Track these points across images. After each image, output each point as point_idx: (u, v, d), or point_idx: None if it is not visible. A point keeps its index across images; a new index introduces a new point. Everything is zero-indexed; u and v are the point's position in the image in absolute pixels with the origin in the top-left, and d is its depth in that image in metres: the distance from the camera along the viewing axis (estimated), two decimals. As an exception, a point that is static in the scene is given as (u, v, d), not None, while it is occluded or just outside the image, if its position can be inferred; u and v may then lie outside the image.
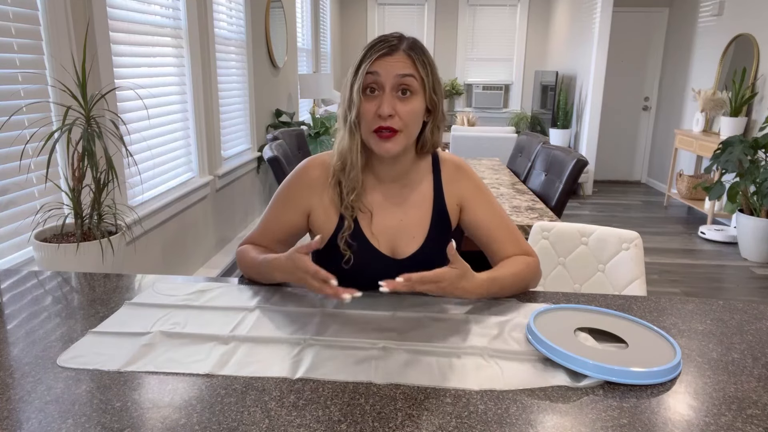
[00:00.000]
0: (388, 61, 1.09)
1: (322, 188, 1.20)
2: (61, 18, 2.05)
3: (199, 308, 1.08)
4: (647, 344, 0.94)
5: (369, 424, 0.74)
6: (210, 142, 3.49)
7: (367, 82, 1.10)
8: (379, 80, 1.09)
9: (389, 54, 1.10)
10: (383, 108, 1.08)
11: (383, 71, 1.09)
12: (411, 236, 1.21)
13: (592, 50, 5.99)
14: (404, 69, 1.10)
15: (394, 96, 1.10)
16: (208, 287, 1.17)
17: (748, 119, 4.77)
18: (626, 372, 0.84)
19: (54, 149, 1.86)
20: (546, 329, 0.96)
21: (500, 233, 1.23)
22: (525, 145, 3.54)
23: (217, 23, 3.64)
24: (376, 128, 1.10)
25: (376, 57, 1.09)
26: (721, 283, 3.71)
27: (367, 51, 1.11)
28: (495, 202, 1.26)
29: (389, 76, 1.09)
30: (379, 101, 1.10)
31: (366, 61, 1.10)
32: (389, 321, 1.03)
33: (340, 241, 1.17)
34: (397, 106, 1.10)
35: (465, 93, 8.16)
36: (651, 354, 0.91)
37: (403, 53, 1.11)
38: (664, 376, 0.86)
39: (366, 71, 1.09)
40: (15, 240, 1.94)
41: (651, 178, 6.90)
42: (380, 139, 1.11)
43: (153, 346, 0.93)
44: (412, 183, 1.23)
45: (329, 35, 7.21)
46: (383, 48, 1.10)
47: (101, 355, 0.90)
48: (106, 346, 0.93)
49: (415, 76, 1.11)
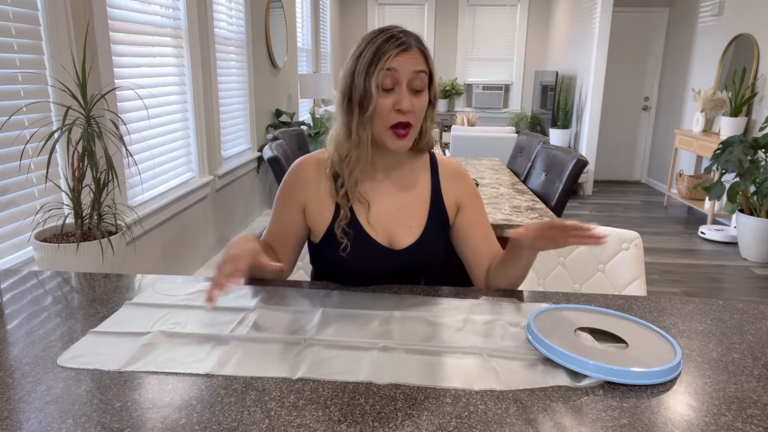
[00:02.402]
0: (405, 58, 1.11)
1: (315, 183, 1.22)
2: (61, 18, 2.05)
3: (199, 308, 1.08)
4: (647, 344, 0.94)
5: (369, 424, 0.74)
6: (210, 142, 3.49)
7: (385, 78, 1.11)
8: (397, 76, 1.11)
9: (406, 51, 1.11)
10: (404, 104, 1.10)
11: (402, 68, 1.11)
12: (408, 226, 1.22)
13: (592, 50, 5.99)
14: (419, 65, 1.12)
15: (409, 91, 1.12)
16: (208, 287, 1.17)
17: (748, 119, 4.77)
18: (626, 372, 0.84)
19: (54, 149, 1.86)
20: (546, 329, 0.96)
21: (490, 236, 1.30)
22: (525, 145, 3.54)
23: (217, 23, 3.64)
24: (395, 124, 1.12)
25: (395, 54, 1.10)
26: (721, 283, 3.71)
27: (381, 45, 1.11)
28: (485, 212, 1.33)
29: (407, 73, 1.11)
30: (396, 96, 1.11)
31: (384, 57, 1.10)
32: (389, 321, 1.03)
33: (337, 230, 1.18)
34: (412, 101, 1.12)
35: (465, 93, 8.16)
36: (651, 354, 0.91)
37: (416, 49, 1.13)
38: (664, 376, 0.86)
39: (385, 67, 1.10)
40: (15, 240, 1.94)
41: (651, 178, 6.90)
42: (397, 137, 1.13)
43: (153, 346, 0.93)
44: (408, 174, 1.25)
45: (329, 35, 7.21)
46: (399, 45, 1.11)
47: (101, 355, 0.90)
48: (106, 346, 0.93)
49: (425, 72, 1.14)
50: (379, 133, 1.14)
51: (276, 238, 1.26)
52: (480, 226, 1.29)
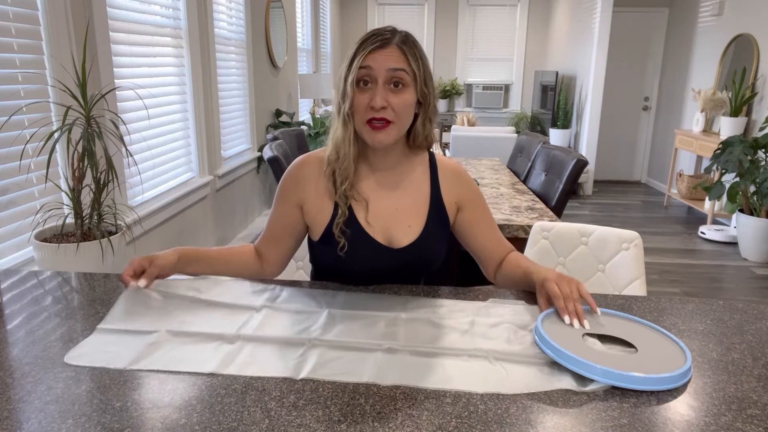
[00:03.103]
0: (380, 55, 1.12)
1: (314, 181, 1.22)
2: (61, 18, 2.05)
3: (206, 306, 1.08)
4: (656, 349, 0.92)
5: (369, 424, 0.74)
6: (210, 142, 3.49)
7: (360, 75, 1.12)
8: (371, 74, 1.12)
9: (382, 47, 1.12)
10: (376, 100, 1.11)
11: (376, 65, 1.11)
12: (407, 225, 1.22)
13: (592, 50, 5.99)
14: (396, 63, 1.12)
15: (386, 88, 1.12)
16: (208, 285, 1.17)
17: (748, 119, 4.77)
18: (634, 378, 0.82)
19: (54, 149, 1.86)
20: (554, 332, 0.95)
21: (495, 236, 1.30)
22: (525, 145, 3.54)
23: (217, 23, 3.64)
24: (369, 119, 1.13)
25: (369, 51, 1.12)
26: (721, 283, 3.71)
27: (360, 44, 1.14)
28: (489, 209, 1.33)
29: (381, 70, 1.11)
30: (371, 93, 1.12)
31: (359, 55, 1.12)
32: (394, 322, 1.03)
33: (335, 229, 1.18)
34: (389, 98, 1.12)
35: (465, 93, 8.16)
36: (660, 359, 0.88)
37: (395, 47, 1.13)
38: (674, 382, 0.83)
39: (359, 65, 1.11)
40: (15, 240, 1.94)
41: (651, 178, 6.90)
42: (372, 129, 1.14)
43: (159, 345, 0.93)
44: (406, 173, 1.25)
45: (329, 35, 7.21)
46: (376, 42, 1.12)
47: (108, 353, 0.91)
48: (113, 344, 0.93)
49: (406, 70, 1.13)
50: (360, 130, 1.15)
51: (272, 235, 1.27)
52: (484, 224, 1.29)
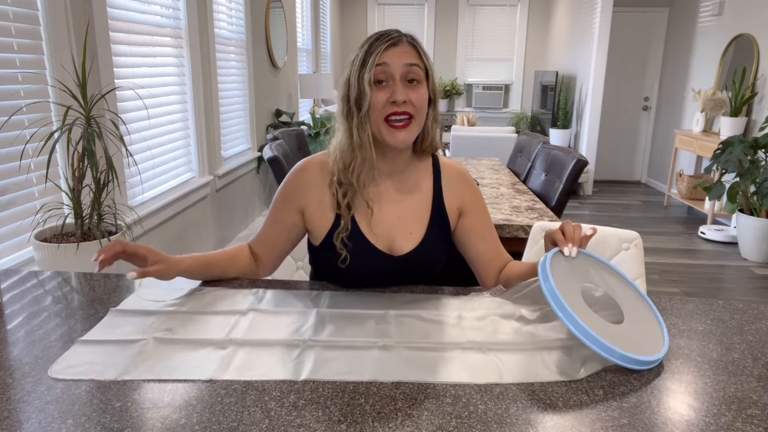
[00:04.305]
0: (395, 52, 1.12)
1: (317, 187, 1.21)
2: (61, 18, 2.05)
3: (189, 313, 1.05)
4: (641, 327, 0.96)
5: (369, 424, 0.74)
6: (210, 142, 3.49)
7: (377, 73, 1.12)
8: (388, 70, 1.12)
9: (395, 45, 1.13)
10: (397, 95, 1.11)
11: (392, 61, 1.12)
12: (408, 232, 1.21)
13: (592, 50, 5.99)
14: (411, 58, 1.13)
15: (403, 84, 1.12)
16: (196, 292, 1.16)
17: (748, 119, 4.77)
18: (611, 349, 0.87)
19: (54, 149, 1.86)
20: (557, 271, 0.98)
21: (494, 244, 1.29)
22: (525, 145, 3.54)
23: (217, 23, 3.64)
24: (389, 114, 1.12)
25: (383, 49, 1.12)
26: (721, 283, 3.71)
27: (371, 45, 1.13)
28: (489, 215, 1.32)
29: (398, 66, 1.12)
30: (389, 90, 1.12)
31: (373, 54, 1.12)
32: (384, 320, 1.04)
33: (336, 240, 1.17)
34: (408, 94, 1.12)
35: (465, 93, 8.15)
36: (640, 339, 0.92)
37: (407, 44, 1.14)
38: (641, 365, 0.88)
39: (375, 63, 1.11)
40: (15, 240, 1.94)
41: (651, 178, 6.90)
42: (393, 128, 1.13)
43: (148, 354, 0.90)
44: (410, 179, 1.24)
45: (329, 35, 7.21)
46: (388, 40, 1.13)
47: (95, 364, 0.87)
48: (98, 355, 0.89)
49: (419, 66, 1.14)
50: (377, 130, 1.14)
51: (269, 236, 1.25)
52: (483, 231, 1.28)
